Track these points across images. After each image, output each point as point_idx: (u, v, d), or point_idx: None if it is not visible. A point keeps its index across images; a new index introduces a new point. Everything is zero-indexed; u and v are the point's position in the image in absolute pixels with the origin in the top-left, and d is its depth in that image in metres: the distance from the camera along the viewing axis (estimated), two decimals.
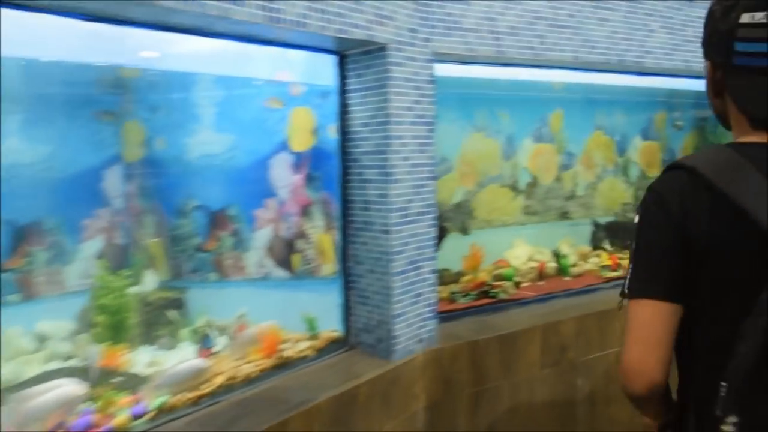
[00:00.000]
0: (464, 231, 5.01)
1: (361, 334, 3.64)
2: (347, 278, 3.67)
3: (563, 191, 5.54)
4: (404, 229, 3.45)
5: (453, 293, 4.20)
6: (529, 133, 5.37)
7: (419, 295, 3.60)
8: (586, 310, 4.26)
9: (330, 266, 3.67)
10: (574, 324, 4.16)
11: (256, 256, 3.70)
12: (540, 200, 5.45)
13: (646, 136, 6.05)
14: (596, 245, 5.40)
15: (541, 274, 4.72)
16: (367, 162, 3.50)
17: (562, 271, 4.78)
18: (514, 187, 5.29)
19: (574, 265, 5.00)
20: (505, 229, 5.28)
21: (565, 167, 5.52)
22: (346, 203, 3.61)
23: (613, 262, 4.78)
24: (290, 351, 3.41)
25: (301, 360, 3.40)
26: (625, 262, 4.81)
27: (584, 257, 5.18)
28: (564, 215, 5.54)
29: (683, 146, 6.38)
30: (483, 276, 4.47)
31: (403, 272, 3.48)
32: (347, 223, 3.63)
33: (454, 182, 5.04)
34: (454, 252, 4.68)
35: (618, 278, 4.78)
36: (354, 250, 3.63)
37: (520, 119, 5.31)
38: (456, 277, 4.70)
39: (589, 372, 4.27)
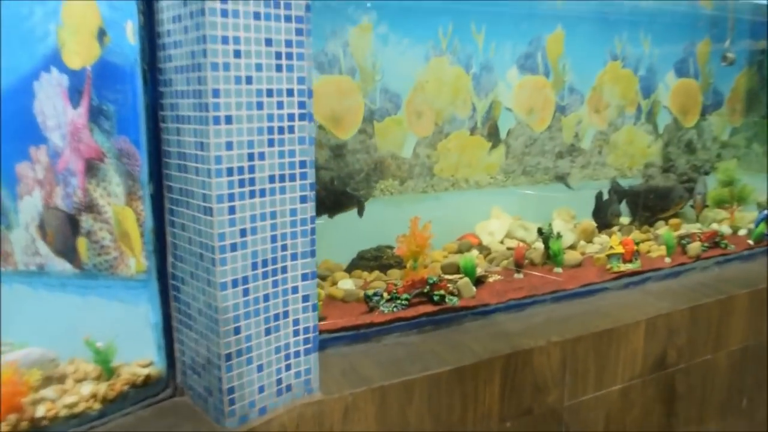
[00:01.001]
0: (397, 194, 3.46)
1: (189, 373, 2.13)
2: (166, 280, 2.15)
3: (561, 143, 3.92)
4: (241, 205, 1.91)
5: (369, 296, 2.66)
6: (513, 61, 3.74)
7: (280, 316, 2.07)
8: (579, 327, 2.71)
9: (138, 260, 2.14)
10: (559, 352, 2.61)
11: (23, 238, 2.19)
12: (527, 154, 3.85)
13: (681, 72, 4.36)
14: (605, 221, 3.78)
15: (520, 262, 3.13)
16: (181, 85, 1.95)
17: (551, 258, 3.20)
18: (490, 136, 3.68)
19: (571, 247, 3.41)
20: (477, 193, 3.70)
21: (564, 110, 3.90)
22: (158, 156, 2.07)
23: (627, 248, 3.18)
24: (51, 406, 1.93)
25: (76, 420, 1.93)
26: (646, 247, 3.22)
27: (586, 236, 3.58)
28: (561, 176, 3.93)
29: (733, 87, 4.68)
30: (425, 269, 2.91)
31: (241, 281, 1.95)
32: (161, 190, 2.10)
33: (401, 127, 3.46)
34: (388, 226, 3.13)
35: (634, 274, 3.19)
36: (174, 236, 2.10)
37: (502, 41, 3.68)
38: (382, 266, 3.17)
39: (579, 424, 2.74)
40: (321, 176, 3.22)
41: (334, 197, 3.29)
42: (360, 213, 3.31)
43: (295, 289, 2.08)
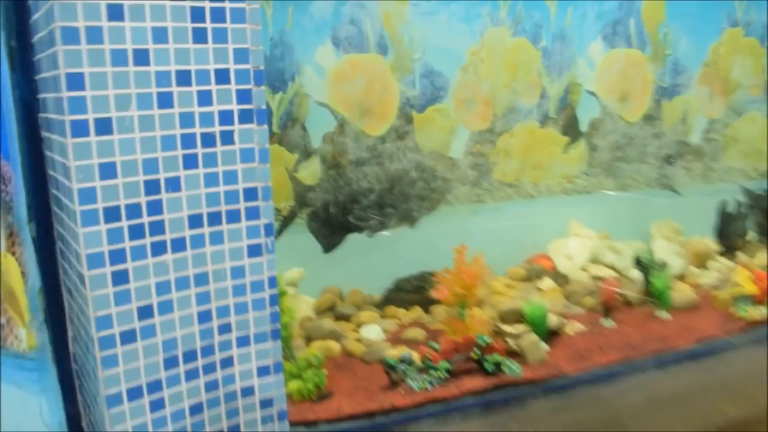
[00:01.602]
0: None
1: None
2: (68, 364, 1.41)
3: (662, 135, 2.97)
4: (139, 268, 1.12)
5: (392, 365, 1.85)
6: (597, 30, 2.83)
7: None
8: (699, 416, 1.81)
9: (28, 331, 1.40)
10: None
11: None
12: (616, 151, 2.93)
13: None
14: (729, 240, 2.81)
15: (609, 303, 2.25)
16: (45, 70, 1.17)
17: (653, 296, 2.29)
18: (566, 128, 2.80)
19: (681, 278, 2.49)
20: (550, 201, 2.83)
21: (665, 93, 2.94)
22: (41, 180, 1.31)
23: (759, 284, 2.23)
24: None
25: None
26: None
27: (699, 260, 2.63)
28: (663, 179, 2.99)
29: None
30: (475, 317, 2.07)
31: (145, 388, 1.17)
32: (51, 232, 1.34)
33: (448, 118, 2.63)
34: (433, 247, 2.32)
35: None
36: (70, 302, 1.35)
37: (581, 4, 2.78)
38: (424, 301, 2.37)
39: None
40: (348, 185, 2.43)
41: (375, 211, 2.50)
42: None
43: (248, 392, 1.29)
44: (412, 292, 2.55)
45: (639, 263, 2.37)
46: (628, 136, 2.90)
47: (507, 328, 2.07)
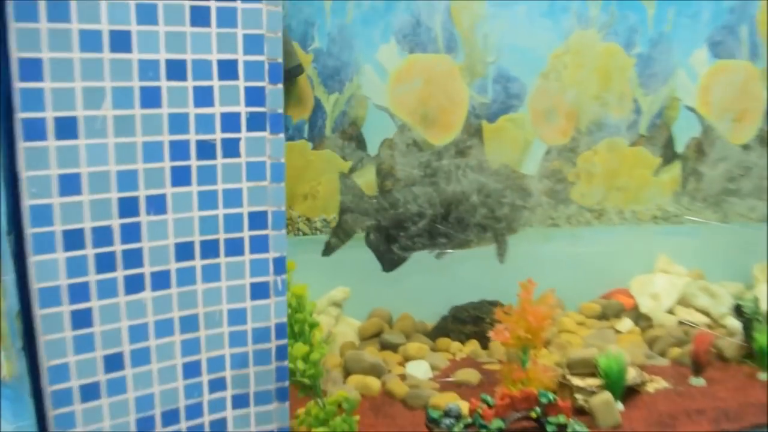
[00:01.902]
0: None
1: None
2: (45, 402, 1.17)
3: None
4: (107, 308, 0.87)
5: (436, 419, 1.56)
6: (703, 39, 2.45)
7: None
8: None
9: (8, 358, 1.18)
10: None
11: None
12: (719, 178, 2.54)
13: None
14: None
15: (702, 358, 1.89)
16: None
17: (758, 354, 1.92)
18: (663, 148, 2.44)
19: None
20: (636, 230, 2.47)
21: None
22: (15, 198, 1.08)
23: None
24: None
25: None
26: None
27: None
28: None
29: None
30: (539, 363, 1.77)
31: None
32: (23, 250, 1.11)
33: (523, 130, 2.32)
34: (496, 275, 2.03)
35: None
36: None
37: (683, 9, 2.42)
38: (481, 334, 2.08)
39: None
40: (394, 207, 2.18)
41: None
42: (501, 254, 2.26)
43: None
44: (469, 323, 2.28)
45: (739, 312, 1.99)
46: (743, 165, 2.50)
47: (577, 381, 1.75)
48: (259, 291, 0.96)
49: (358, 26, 2.15)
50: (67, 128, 0.81)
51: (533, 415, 1.60)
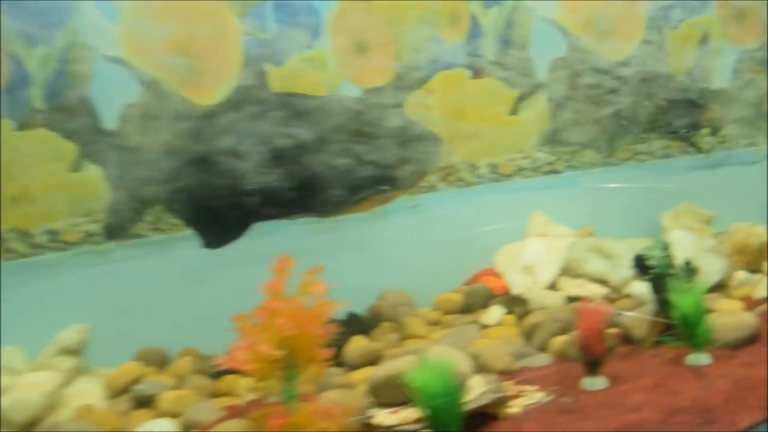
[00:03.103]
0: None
1: None
2: None
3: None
4: None
5: None
6: None
7: None
8: None
9: None
10: None
11: None
12: (597, 108, 1.83)
13: None
14: None
15: (594, 346, 1.10)
16: None
17: (681, 327, 1.15)
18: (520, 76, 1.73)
19: (721, 290, 1.37)
20: (498, 188, 1.71)
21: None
22: None
23: None
24: None
25: None
26: None
27: (748, 260, 1.51)
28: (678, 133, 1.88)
29: None
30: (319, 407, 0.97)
31: None
32: None
33: (326, 72, 1.63)
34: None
35: None
36: None
37: None
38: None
39: None
40: None
41: None
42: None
43: None
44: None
45: (643, 268, 1.26)
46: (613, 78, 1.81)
47: (384, 417, 0.96)
48: None
49: None
50: None
51: None
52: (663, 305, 1.27)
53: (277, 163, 1.65)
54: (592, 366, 1.19)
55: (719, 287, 1.51)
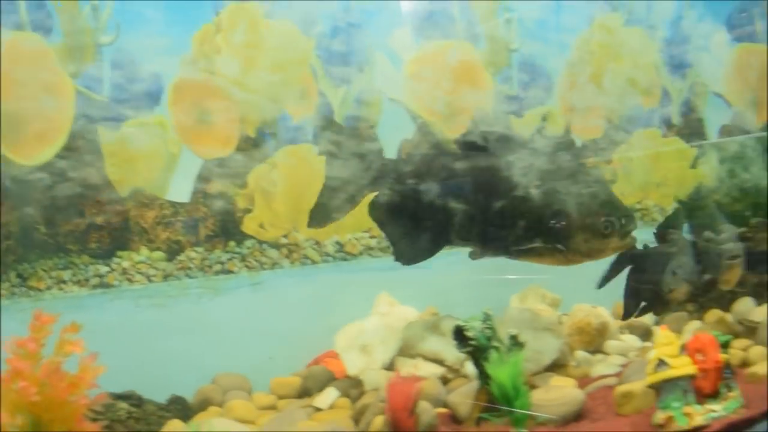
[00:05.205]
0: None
1: None
2: None
3: None
4: None
5: None
6: None
7: None
8: None
9: None
10: None
11: None
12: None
13: None
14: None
15: (403, 424, 0.97)
16: None
17: (499, 400, 1.03)
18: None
19: (558, 367, 1.28)
20: (346, 267, 1.62)
21: None
22: None
23: (706, 359, 1.04)
24: None
25: None
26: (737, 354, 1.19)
27: (589, 339, 1.44)
28: None
29: None
30: None
31: None
32: None
33: (164, 139, 1.59)
34: None
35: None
36: None
37: None
38: None
39: None
40: None
41: None
42: None
43: None
44: None
45: (462, 339, 1.16)
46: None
47: None
48: None
49: None
50: None
51: None
52: (484, 379, 1.17)
53: None
54: None
55: (557, 366, 1.43)
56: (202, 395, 1.50)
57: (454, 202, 1.47)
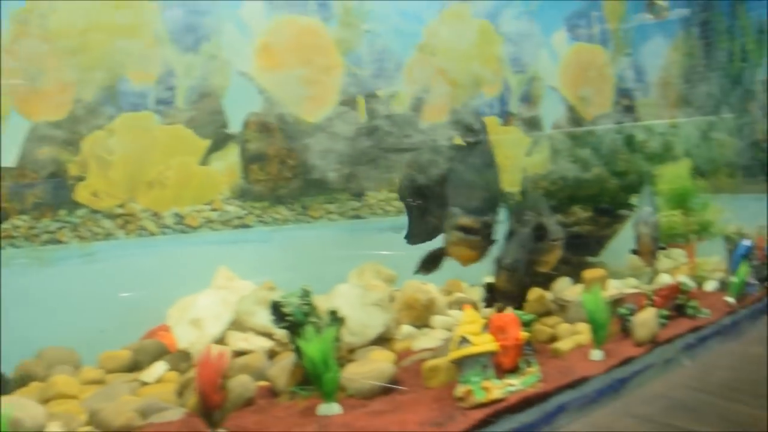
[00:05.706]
0: None
1: None
2: None
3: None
4: None
5: None
6: None
7: None
8: None
9: None
10: None
11: None
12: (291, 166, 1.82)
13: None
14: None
15: (211, 398, 0.98)
16: None
17: (310, 376, 1.07)
18: (213, 126, 1.63)
19: (383, 340, 1.33)
20: (185, 240, 1.57)
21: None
22: None
23: (508, 336, 1.16)
24: None
25: None
26: (545, 330, 1.29)
27: (416, 314, 1.51)
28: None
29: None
30: None
31: None
32: None
33: None
34: None
35: (525, 403, 1.12)
36: None
37: None
38: None
39: None
40: None
41: None
42: None
43: None
44: None
45: (279, 315, 1.19)
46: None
47: None
48: None
49: None
50: None
51: None
52: (299, 354, 1.21)
53: None
54: (211, 418, 1.08)
55: (383, 340, 1.50)
56: (23, 370, 1.44)
57: None
